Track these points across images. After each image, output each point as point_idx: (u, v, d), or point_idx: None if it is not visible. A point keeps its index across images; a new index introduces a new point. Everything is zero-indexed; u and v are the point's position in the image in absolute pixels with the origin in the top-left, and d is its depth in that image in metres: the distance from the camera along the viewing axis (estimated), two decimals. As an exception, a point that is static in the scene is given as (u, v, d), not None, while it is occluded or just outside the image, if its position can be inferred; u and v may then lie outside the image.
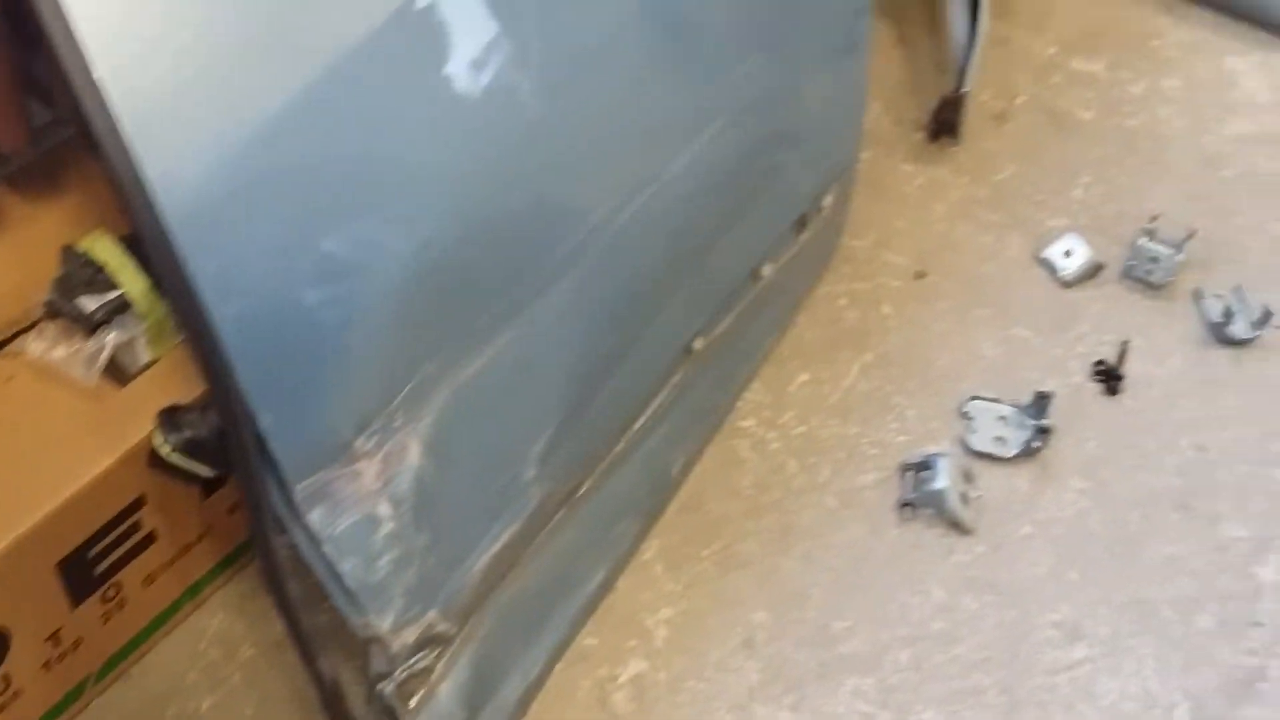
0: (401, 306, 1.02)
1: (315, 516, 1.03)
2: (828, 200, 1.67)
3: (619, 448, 1.43)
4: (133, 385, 1.26)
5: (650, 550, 1.53)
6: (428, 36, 0.99)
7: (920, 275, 1.83)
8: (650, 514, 1.53)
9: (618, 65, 1.20)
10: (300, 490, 1.02)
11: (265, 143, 0.89)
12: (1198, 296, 1.79)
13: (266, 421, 0.96)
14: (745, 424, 1.66)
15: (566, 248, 1.20)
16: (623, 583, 1.49)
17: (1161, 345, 1.75)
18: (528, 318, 1.18)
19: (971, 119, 2.00)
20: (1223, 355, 1.74)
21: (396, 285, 1.01)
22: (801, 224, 1.64)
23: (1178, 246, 1.81)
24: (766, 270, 1.58)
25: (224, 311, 0.88)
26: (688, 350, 1.50)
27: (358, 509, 1.06)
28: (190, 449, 1.04)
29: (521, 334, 1.18)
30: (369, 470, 1.07)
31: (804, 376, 1.71)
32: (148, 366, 1.27)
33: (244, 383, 0.92)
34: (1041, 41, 2.14)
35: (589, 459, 1.38)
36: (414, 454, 1.10)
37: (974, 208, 1.91)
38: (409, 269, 1.01)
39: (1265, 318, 1.73)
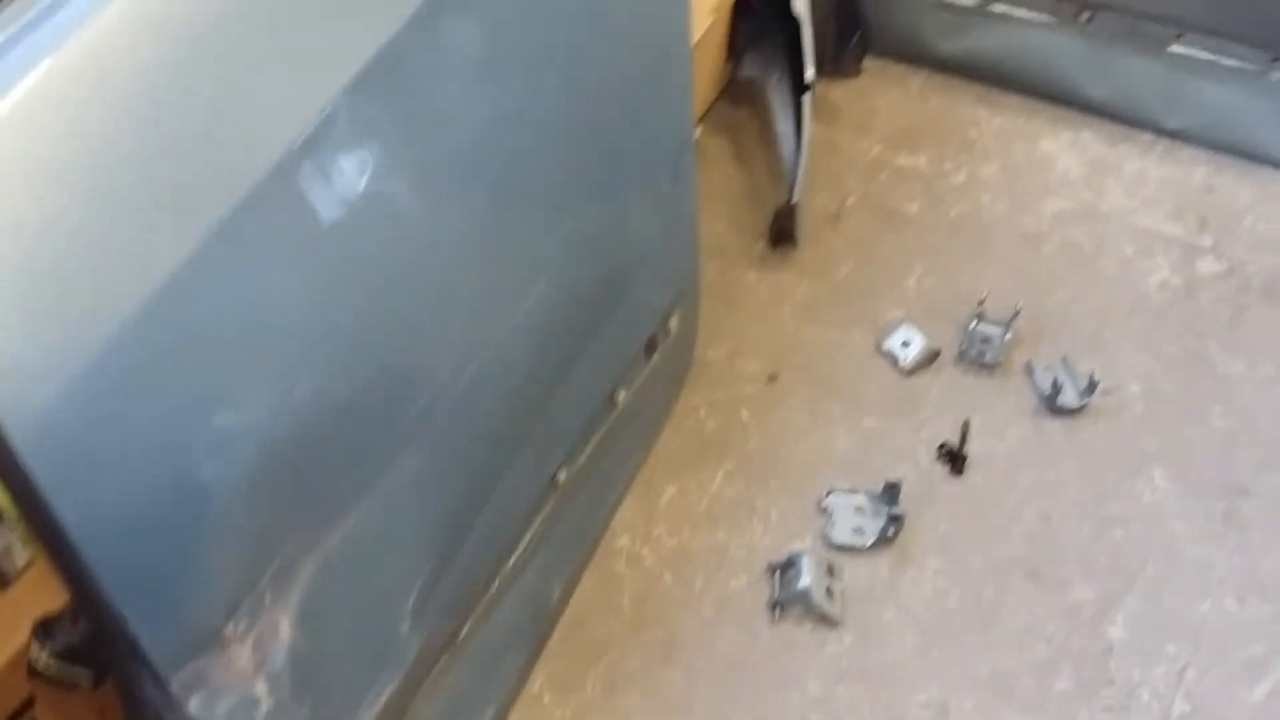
0: (254, 493, 1.08)
1: (194, 705, 1.08)
2: (674, 321, 1.77)
3: (494, 587, 1.50)
4: (14, 588, 1.30)
5: (538, 681, 1.59)
6: (266, 231, 1.04)
7: (773, 378, 1.93)
8: (534, 645, 1.60)
9: (452, 231, 1.28)
10: (176, 681, 1.07)
11: (106, 357, 0.92)
12: (1029, 371, 1.92)
13: (134, 621, 1.01)
14: (620, 542, 1.74)
15: (416, 410, 1.27)
16: (513, 718, 1.55)
17: (1000, 421, 1.87)
18: (385, 481, 1.25)
19: (809, 222, 2.13)
20: (1056, 425, 1.87)
21: (247, 474, 1.07)
22: (651, 347, 1.73)
23: (1006, 325, 1.94)
24: (622, 396, 1.67)
25: (77, 522, 0.92)
26: (553, 483, 1.57)
27: (235, 692, 1.12)
28: (67, 656, 1.09)
29: (381, 497, 1.25)
30: (242, 653, 1.12)
31: (672, 489, 1.80)
32: (27, 567, 1.31)
33: (107, 587, 0.97)
34: (867, 142, 2.29)
35: (465, 602, 1.45)
36: (285, 630, 1.16)
37: (818, 307, 2.03)
38: (258, 457, 1.07)
39: (1091, 386, 1.87)
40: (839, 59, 2.40)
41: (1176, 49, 2.21)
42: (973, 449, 1.83)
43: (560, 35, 1.32)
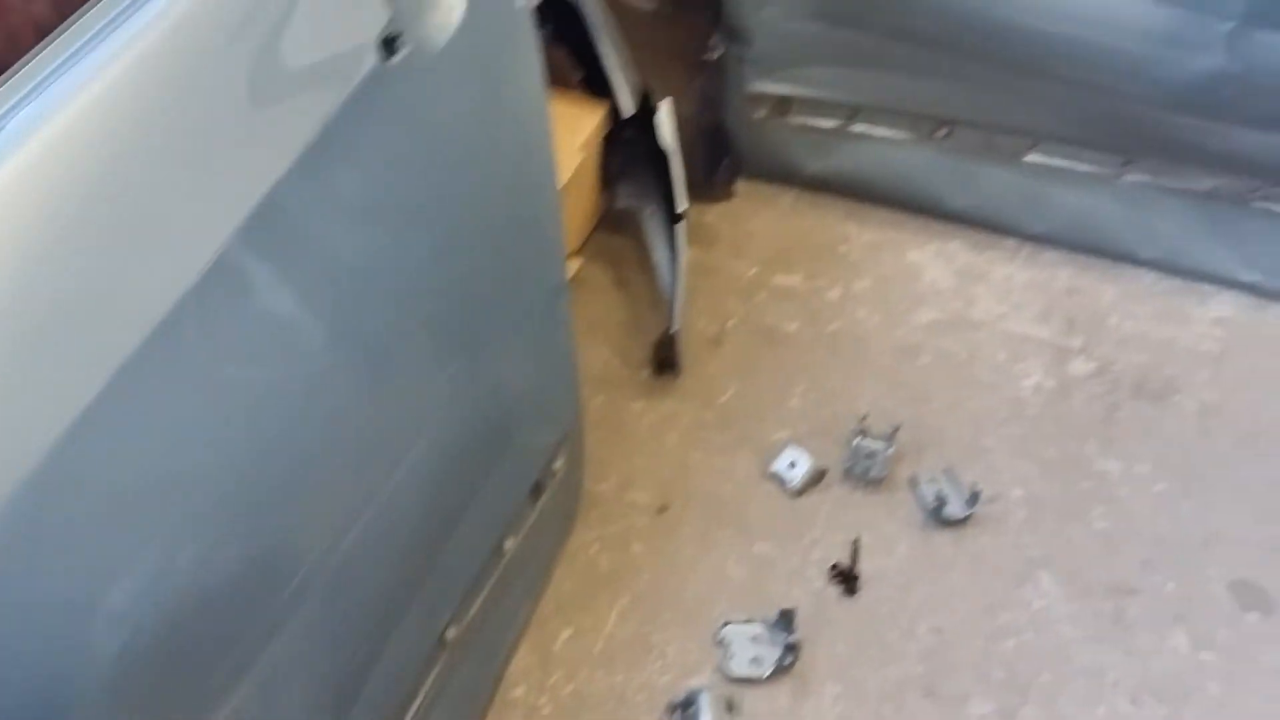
0: (122, 683, 1.04)
1: None
2: (560, 462, 1.76)
3: (386, 755, 1.46)
4: None
5: (436, 846, 1.55)
6: (140, 402, 1.02)
7: (663, 509, 1.94)
8: (432, 810, 1.55)
9: (334, 388, 1.27)
10: None
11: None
12: (913, 484, 1.95)
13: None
14: (515, 693, 1.71)
15: (297, 580, 1.25)
16: None
17: (888, 537, 1.89)
18: (266, 656, 1.21)
19: (691, 346, 2.15)
20: (944, 537, 1.89)
21: (115, 661, 1.03)
22: (538, 491, 1.73)
23: (889, 440, 1.97)
24: (509, 544, 1.66)
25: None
26: (442, 641, 1.55)
27: None
28: None
29: (262, 673, 1.21)
30: None
31: (567, 632, 1.78)
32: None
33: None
34: (744, 263, 2.33)
35: (356, 775, 1.41)
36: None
37: (704, 433, 2.04)
38: (128, 641, 1.04)
39: (974, 497, 1.90)
40: (711, 183, 2.45)
41: (1032, 158, 2.30)
42: (864, 567, 1.85)
43: (430, 189, 1.33)
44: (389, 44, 1.18)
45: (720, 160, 2.45)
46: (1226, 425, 2.06)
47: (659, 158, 2.19)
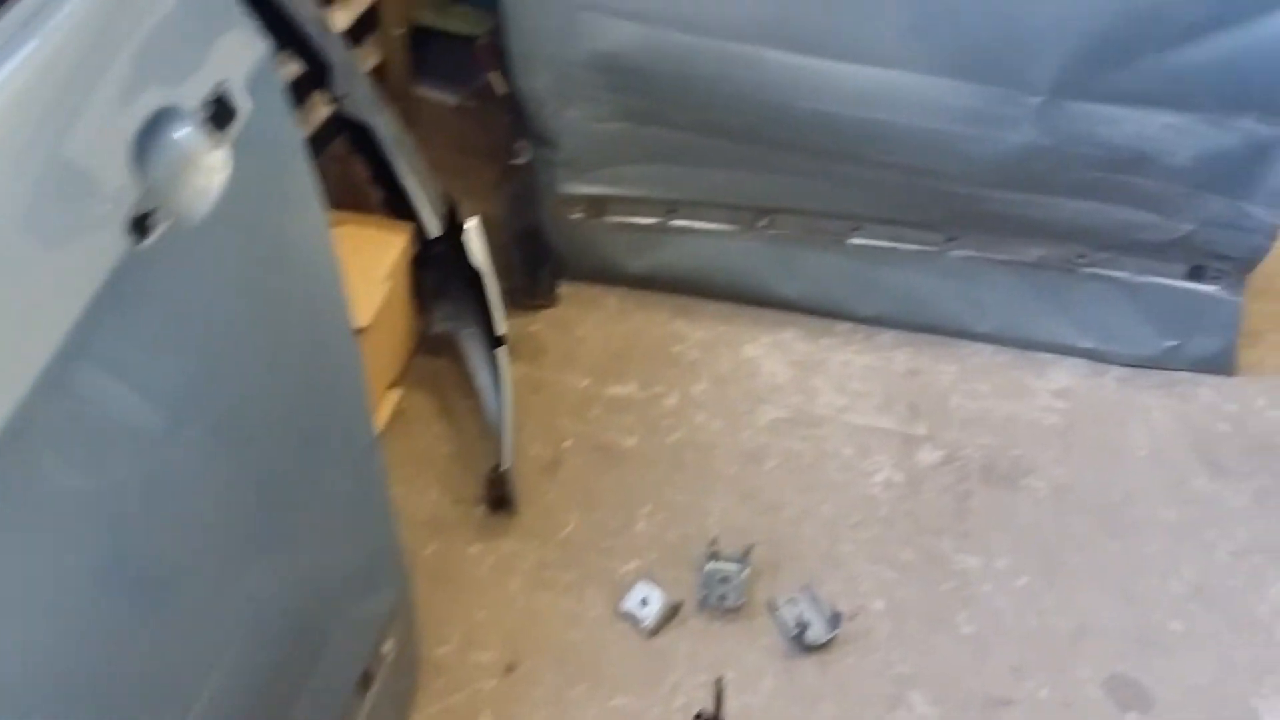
0: None
1: None
2: (388, 645, 1.60)
3: None
4: None
5: None
6: None
7: (511, 668, 1.79)
8: None
9: (120, 617, 1.10)
10: None
11: None
12: (772, 608, 1.85)
13: None
14: None
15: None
16: None
17: (752, 670, 1.79)
18: None
19: (526, 475, 2.02)
20: (809, 664, 1.79)
21: None
22: (367, 681, 1.56)
23: (742, 561, 1.87)
24: (340, 746, 1.49)
25: None
26: None
27: None
28: None
29: None
30: None
31: (415, 827, 1.62)
32: None
33: None
34: (575, 376, 2.21)
35: None
36: None
37: (548, 573, 1.91)
38: None
39: (836, 618, 1.81)
40: (533, 289, 2.33)
41: (856, 240, 2.25)
42: (730, 708, 1.73)
43: (210, 367, 1.17)
44: (140, 224, 1.02)
45: (541, 265, 2.33)
46: (1080, 504, 2.02)
47: (474, 277, 2.06)
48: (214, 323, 1.17)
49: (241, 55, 1.19)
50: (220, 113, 1.15)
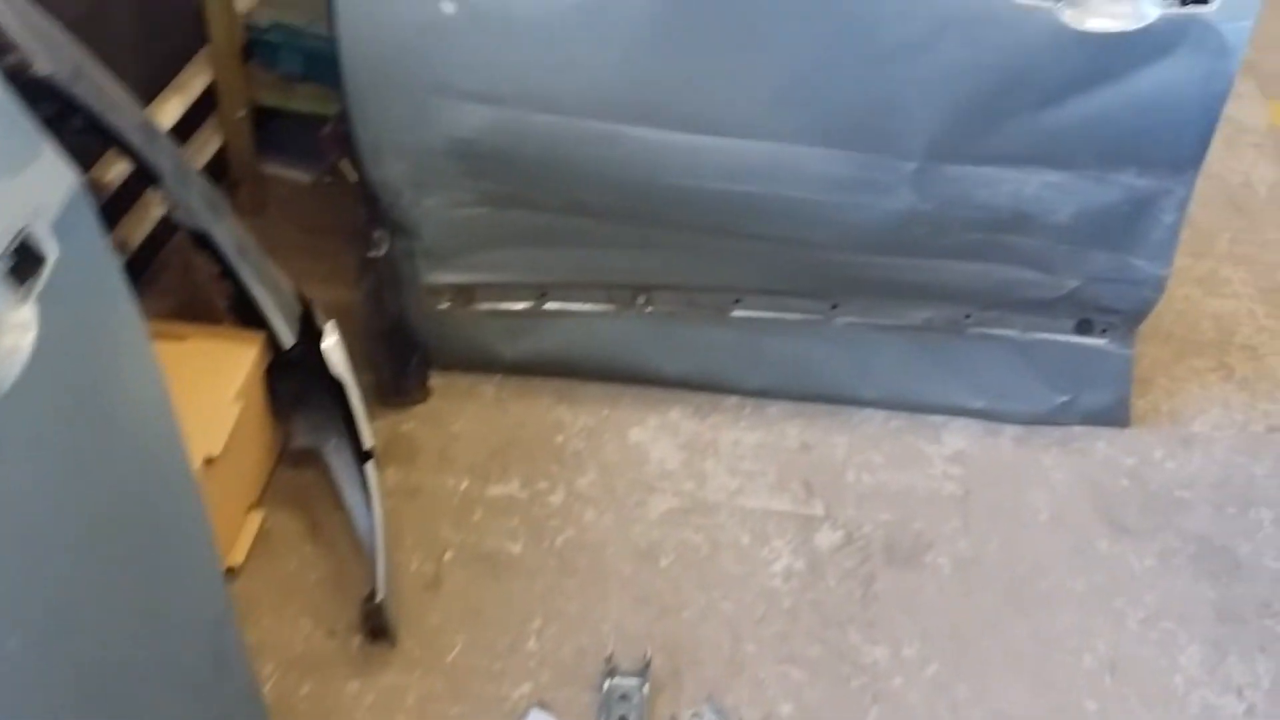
0: None
1: None
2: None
3: None
4: None
5: None
6: None
7: (399, 821, 1.66)
8: None
9: None
10: None
11: None
12: (677, 727, 1.75)
13: None
14: None
15: None
16: None
17: (660, 798, 1.68)
18: None
19: (406, 596, 1.88)
20: (719, 785, 1.69)
21: None
22: None
23: (642, 675, 1.77)
24: None
25: None
26: None
27: None
28: None
29: None
30: None
31: None
32: None
33: None
34: (453, 477, 2.07)
35: None
36: None
37: (436, 706, 1.77)
38: None
39: (742, 732, 1.71)
40: (402, 386, 2.19)
41: (738, 313, 2.16)
42: (638, 845, 1.62)
43: (35, 544, 1.03)
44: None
45: (409, 359, 2.20)
46: (986, 580, 1.95)
47: (335, 385, 1.92)
48: (37, 491, 1.03)
49: (46, 193, 1.05)
50: (23, 263, 1.00)
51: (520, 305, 2.16)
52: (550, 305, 2.16)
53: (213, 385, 1.85)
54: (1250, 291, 2.51)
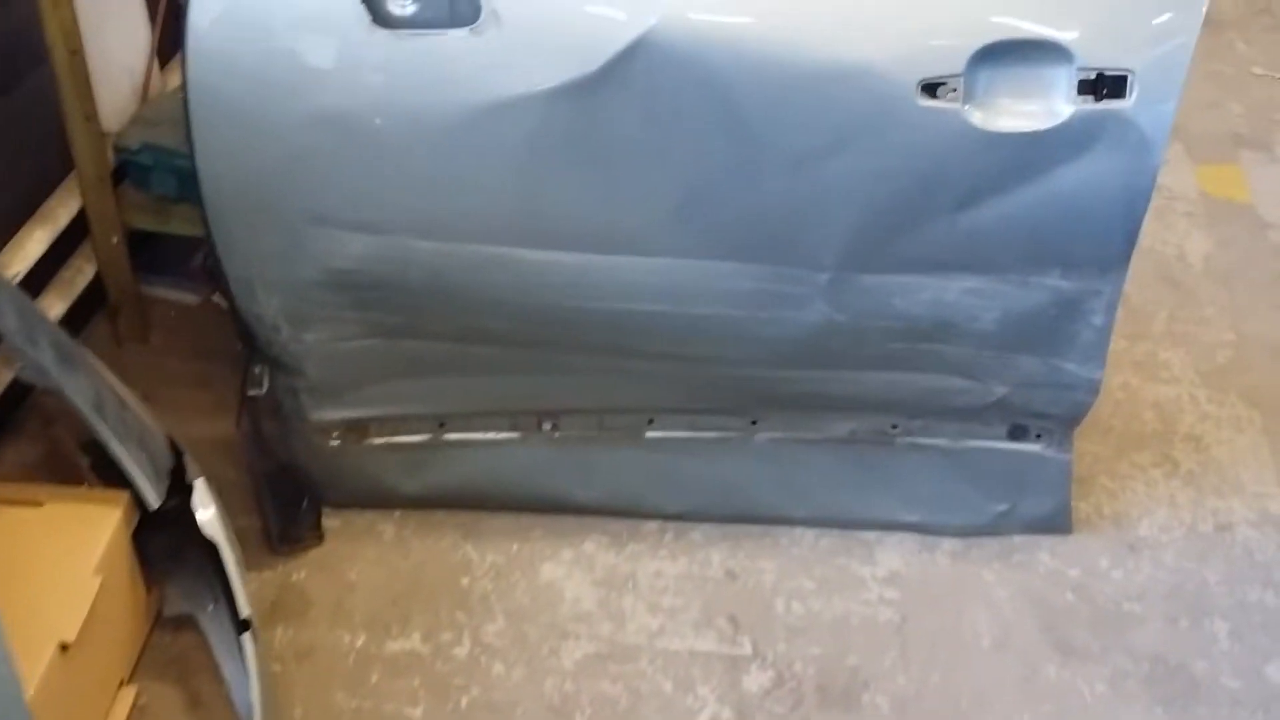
0: None
1: None
2: None
3: None
4: None
5: None
6: None
7: None
8: None
9: None
10: None
11: None
12: None
13: None
14: None
15: None
16: None
17: None
18: None
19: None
20: None
21: None
22: None
23: None
24: None
25: None
26: None
27: None
28: None
29: None
30: None
31: None
32: None
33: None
34: (348, 633, 1.90)
35: None
36: None
37: None
38: None
39: None
40: (291, 532, 2.02)
41: (652, 434, 2.02)
42: None
43: None
44: None
45: (300, 501, 2.03)
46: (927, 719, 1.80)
47: (209, 545, 1.75)
48: None
49: None
50: None
51: (418, 438, 2.01)
52: (451, 435, 2.01)
53: (70, 559, 1.68)
54: (1191, 375, 2.41)
